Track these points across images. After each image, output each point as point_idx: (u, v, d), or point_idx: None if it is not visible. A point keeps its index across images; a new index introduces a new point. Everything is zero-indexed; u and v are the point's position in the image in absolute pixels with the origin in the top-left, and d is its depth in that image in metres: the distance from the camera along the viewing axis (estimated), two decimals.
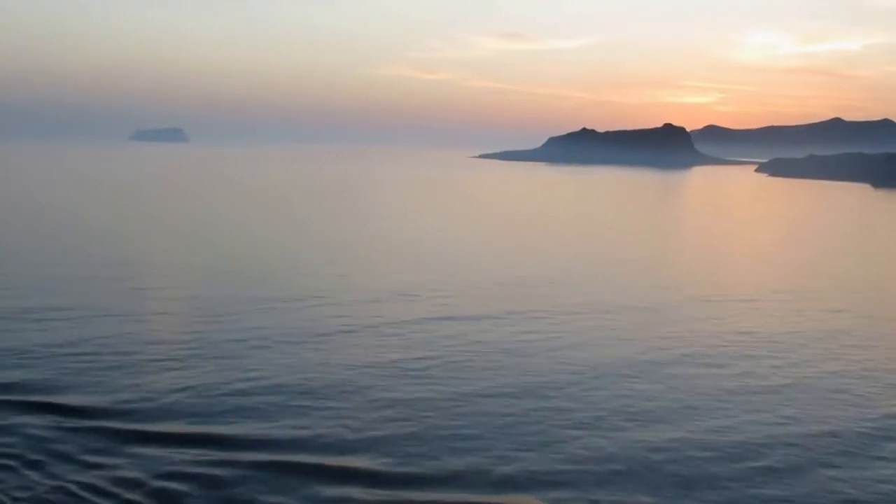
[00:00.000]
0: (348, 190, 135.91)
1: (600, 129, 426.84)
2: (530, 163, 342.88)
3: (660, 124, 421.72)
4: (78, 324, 33.87)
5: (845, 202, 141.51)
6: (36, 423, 22.64)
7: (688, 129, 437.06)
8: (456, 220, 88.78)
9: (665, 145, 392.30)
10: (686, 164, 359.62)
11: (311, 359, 29.80)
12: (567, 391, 26.96)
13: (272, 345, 31.52)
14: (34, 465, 20.14)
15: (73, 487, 19.13)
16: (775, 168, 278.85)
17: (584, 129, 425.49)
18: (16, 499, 18.60)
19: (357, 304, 39.42)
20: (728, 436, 23.40)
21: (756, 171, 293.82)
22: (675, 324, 37.67)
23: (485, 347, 32.17)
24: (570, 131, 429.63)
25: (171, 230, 69.50)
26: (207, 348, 30.68)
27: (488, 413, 24.67)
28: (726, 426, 24.15)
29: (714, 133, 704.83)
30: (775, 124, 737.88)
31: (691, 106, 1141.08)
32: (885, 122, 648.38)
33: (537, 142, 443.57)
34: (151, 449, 21.28)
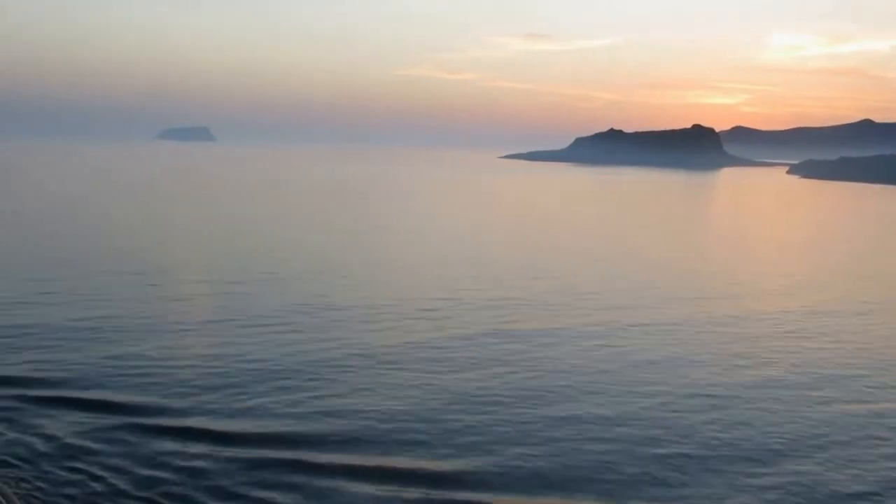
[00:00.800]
0: (384, 192, 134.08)
1: (628, 129, 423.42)
2: (557, 163, 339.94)
3: (687, 125, 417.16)
4: (130, 334, 32.12)
5: (887, 205, 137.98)
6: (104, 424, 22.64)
7: (716, 130, 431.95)
8: (501, 226, 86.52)
9: (694, 146, 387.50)
10: (715, 166, 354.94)
11: (365, 370, 27.78)
12: (646, 417, 24.41)
13: (325, 356, 29.50)
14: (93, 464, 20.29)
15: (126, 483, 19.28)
16: (807, 170, 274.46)
17: (611, 130, 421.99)
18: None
19: (412, 315, 37.19)
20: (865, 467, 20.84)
21: (787, 172, 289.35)
22: (750, 340, 34.72)
23: (552, 365, 29.67)
24: (597, 132, 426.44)
25: (206, 233, 67.77)
26: (265, 360, 28.82)
27: (559, 434, 22.48)
28: (852, 458, 21.60)
29: (742, 134, 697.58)
30: (803, 125, 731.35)
31: (718, 107, 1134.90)
32: None
33: (564, 142, 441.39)
34: (197, 446, 21.21)
